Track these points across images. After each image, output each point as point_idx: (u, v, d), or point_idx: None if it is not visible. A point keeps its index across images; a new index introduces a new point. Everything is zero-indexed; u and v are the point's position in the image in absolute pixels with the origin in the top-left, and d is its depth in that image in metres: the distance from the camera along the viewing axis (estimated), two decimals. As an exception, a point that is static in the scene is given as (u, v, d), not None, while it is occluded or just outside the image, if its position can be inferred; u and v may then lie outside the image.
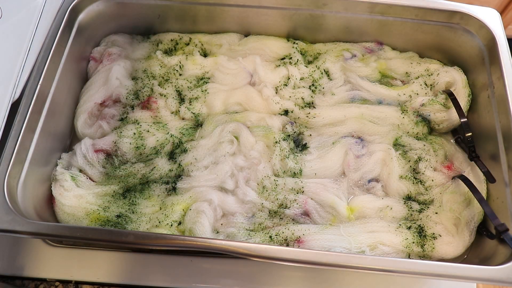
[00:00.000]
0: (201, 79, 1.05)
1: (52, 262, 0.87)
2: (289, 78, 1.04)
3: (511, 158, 0.84)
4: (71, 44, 0.96)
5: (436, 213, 0.87)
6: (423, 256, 0.84)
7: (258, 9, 1.04)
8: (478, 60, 0.98)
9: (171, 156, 0.94)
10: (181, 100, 1.03)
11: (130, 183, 0.90)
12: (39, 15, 0.88)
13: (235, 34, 1.11)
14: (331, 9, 1.02)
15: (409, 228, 0.85)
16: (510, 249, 0.75)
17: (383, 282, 0.87)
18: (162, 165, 0.91)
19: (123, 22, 1.08)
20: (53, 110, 0.89)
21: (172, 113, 1.01)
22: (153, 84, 1.03)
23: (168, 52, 1.09)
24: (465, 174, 0.90)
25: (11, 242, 0.89)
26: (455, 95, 0.96)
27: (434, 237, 0.84)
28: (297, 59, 1.07)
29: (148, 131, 0.96)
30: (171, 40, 1.09)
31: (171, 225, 0.85)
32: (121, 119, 0.99)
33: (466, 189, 0.86)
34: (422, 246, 0.83)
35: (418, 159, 0.93)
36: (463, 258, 0.86)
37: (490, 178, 0.84)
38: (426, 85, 1.03)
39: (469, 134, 0.91)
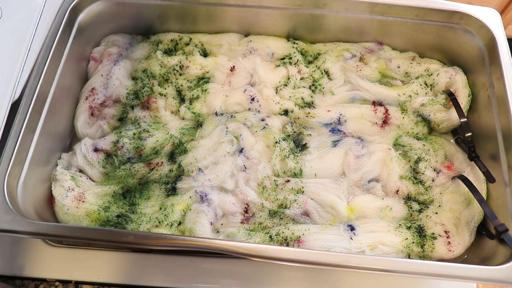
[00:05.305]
0: (201, 79, 1.05)
1: (52, 262, 0.87)
2: (289, 78, 1.04)
3: (511, 158, 0.84)
4: (71, 44, 0.96)
5: (436, 213, 0.87)
6: (423, 256, 0.84)
7: (258, 9, 1.04)
8: (478, 60, 0.98)
9: (171, 156, 0.94)
10: (181, 100, 1.03)
11: (130, 183, 0.90)
12: (39, 15, 0.88)
13: (235, 34, 1.11)
14: (331, 9, 1.02)
15: (409, 228, 0.85)
16: (510, 249, 0.75)
17: (383, 282, 0.87)
18: (162, 165, 0.91)
19: (123, 22, 1.09)
20: (53, 110, 0.89)
21: (172, 113, 1.01)
22: (153, 84, 1.03)
23: (168, 52, 1.09)
24: (465, 174, 0.90)
25: (11, 242, 0.89)
26: (455, 95, 0.96)
27: (434, 237, 0.84)
28: (297, 59, 1.06)
29: (148, 131, 0.96)
30: (171, 40, 1.09)
31: (171, 225, 0.85)
32: (121, 119, 0.99)
33: (466, 189, 0.86)
34: (422, 246, 0.83)
35: (418, 159, 0.93)
36: (463, 258, 0.86)
37: (490, 178, 0.84)
38: (426, 85, 1.03)
39: (469, 134, 0.91)
